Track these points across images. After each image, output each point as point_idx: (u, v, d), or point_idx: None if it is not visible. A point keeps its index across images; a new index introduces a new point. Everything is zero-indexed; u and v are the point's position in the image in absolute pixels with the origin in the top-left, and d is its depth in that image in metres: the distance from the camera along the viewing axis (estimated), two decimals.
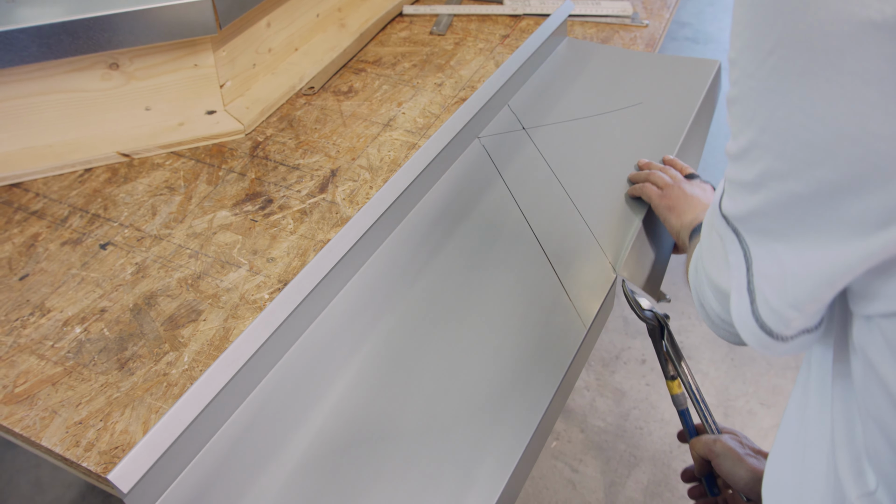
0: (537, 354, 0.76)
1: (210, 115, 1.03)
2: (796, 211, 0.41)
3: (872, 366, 0.43)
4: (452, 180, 0.95)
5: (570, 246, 0.87)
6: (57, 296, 0.81)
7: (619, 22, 1.33)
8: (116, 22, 0.88)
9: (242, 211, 0.91)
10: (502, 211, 0.91)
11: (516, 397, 0.72)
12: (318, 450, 0.68)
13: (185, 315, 0.79)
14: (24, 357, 0.75)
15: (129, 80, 0.96)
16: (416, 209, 0.91)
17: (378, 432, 0.69)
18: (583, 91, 1.13)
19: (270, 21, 1.09)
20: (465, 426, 0.70)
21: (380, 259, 0.85)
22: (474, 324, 0.79)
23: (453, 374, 0.74)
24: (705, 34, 3.20)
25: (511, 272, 0.84)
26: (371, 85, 1.14)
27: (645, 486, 1.61)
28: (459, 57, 1.22)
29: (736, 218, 0.47)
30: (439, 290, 0.82)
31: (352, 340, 0.77)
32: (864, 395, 0.44)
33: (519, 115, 1.06)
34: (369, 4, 1.31)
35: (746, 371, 1.85)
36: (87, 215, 0.90)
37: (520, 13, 1.33)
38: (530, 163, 0.99)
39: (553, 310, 0.80)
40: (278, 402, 0.71)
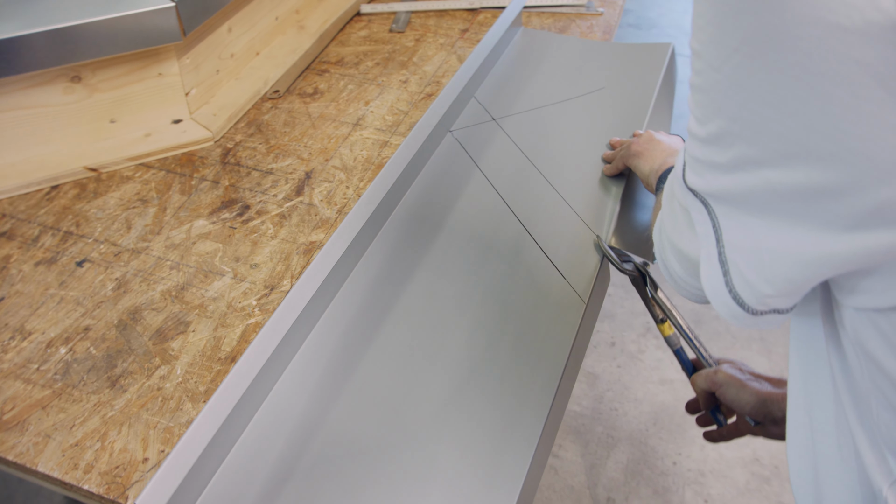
0: (540, 335, 0.77)
1: (176, 125, 1.01)
2: (772, 196, 0.41)
3: (874, 360, 0.43)
4: (431, 175, 0.96)
5: (556, 227, 0.89)
6: (37, 317, 0.79)
7: (575, 11, 1.34)
8: (78, 33, 0.86)
9: (220, 219, 0.90)
10: (484, 200, 0.92)
11: (526, 380, 0.73)
12: (332, 453, 0.67)
13: (172, 327, 0.78)
14: (9, 383, 0.73)
15: (93, 93, 0.94)
16: (399, 207, 0.91)
17: (393, 431, 0.69)
18: (545, 79, 1.14)
19: (231, 26, 1.07)
20: (479, 414, 0.70)
21: (370, 260, 0.84)
22: (475, 313, 0.79)
23: (459, 363, 0.75)
24: (647, 20, 3.26)
25: (502, 259, 0.85)
26: (336, 85, 1.13)
27: (625, 466, 1.63)
28: (421, 53, 1.22)
29: (706, 193, 0.47)
30: (434, 283, 0.82)
31: (355, 342, 0.77)
32: (873, 388, 0.44)
33: (486, 107, 1.07)
34: (326, 5, 1.30)
35: (713, 345, 1.90)
36: (60, 233, 0.88)
37: (476, 7, 1.34)
38: (504, 152, 1.00)
39: (549, 291, 0.82)
40: (289, 411, 0.70)
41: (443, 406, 0.71)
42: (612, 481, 1.61)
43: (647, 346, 1.89)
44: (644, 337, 1.91)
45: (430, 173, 0.96)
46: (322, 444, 0.68)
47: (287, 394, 0.72)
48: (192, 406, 0.70)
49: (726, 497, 1.58)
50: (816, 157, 0.36)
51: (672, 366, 1.85)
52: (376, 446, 0.68)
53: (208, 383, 0.72)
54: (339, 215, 0.90)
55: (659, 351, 1.88)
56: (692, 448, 1.67)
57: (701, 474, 1.62)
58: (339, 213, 0.91)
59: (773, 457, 1.65)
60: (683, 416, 1.73)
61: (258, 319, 0.78)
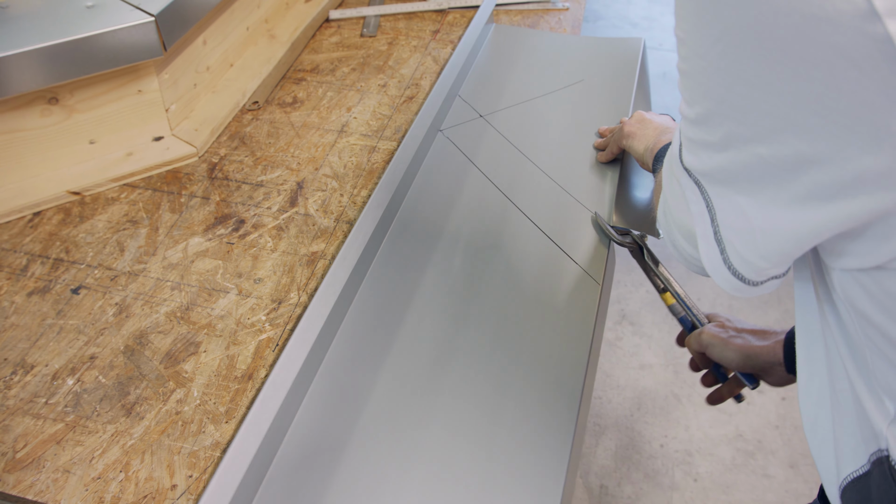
0: (562, 321, 0.79)
1: (158, 142, 0.99)
2: (761, 171, 0.43)
3: (864, 315, 0.46)
4: (428, 175, 0.97)
5: (560, 215, 0.91)
6: (37, 349, 0.76)
7: (542, 7, 1.35)
8: (55, 53, 0.83)
9: (216, 235, 0.88)
10: (485, 196, 0.94)
11: (553, 364, 0.74)
12: (364, 465, 0.67)
13: (182, 349, 0.76)
14: (18, 419, 0.70)
15: (71, 114, 0.91)
16: (401, 209, 0.92)
17: (421, 428, 0.70)
18: (525, 74, 1.16)
19: (206, 38, 1.05)
20: (511, 409, 0.71)
21: (380, 266, 0.85)
22: (493, 307, 0.80)
23: (484, 361, 0.75)
24: (592, 12, 3.30)
25: (512, 252, 0.86)
26: (315, 93, 1.12)
27: (614, 452, 1.66)
28: (396, 56, 1.21)
29: (699, 172, 0.50)
30: (448, 283, 0.83)
31: (375, 349, 0.77)
32: (866, 340, 0.48)
33: (472, 104, 1.08)
34: (294, 13, 1.29)
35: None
36: (49, 261, 0.85)
37: (445, 7, 1.34)
38: (497, 147, 1.01)
39: (564, 277, 0.83)
40: (315, 428, 0.70)
41: (472, 402, 0.72)
42: (603, 468, 1.63)
43: (624, 333, 1.92)
44: (620, 324, 1.93)
45: (427, 173, 0.97)
46: (354, 456, 0.67)
47: (314, 409, 0.71)
48: (214, 428, 0.69)
49: (714, 474, 1.61)
50: (804, 130, 0.39)
51: (650, 350, 1.88)
52: (406, 446, 0.68)
53: (228, 403, 0.71)
54: (337, 223, 0.90)
55: (636, 337, 1.91)
56: (678, 429, 1.70)
57: (688, 454, 1.65)
58: (337, 222, 0.90)
59: (756, 431, 1.69)
60: (666, 398, 1.76)
61: (270, 335, 0.77)
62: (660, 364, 1.85)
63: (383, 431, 0.69)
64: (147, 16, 0.88)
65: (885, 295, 0.43)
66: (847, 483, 0.54)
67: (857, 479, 0.52)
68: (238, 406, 0.71)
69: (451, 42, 1.25)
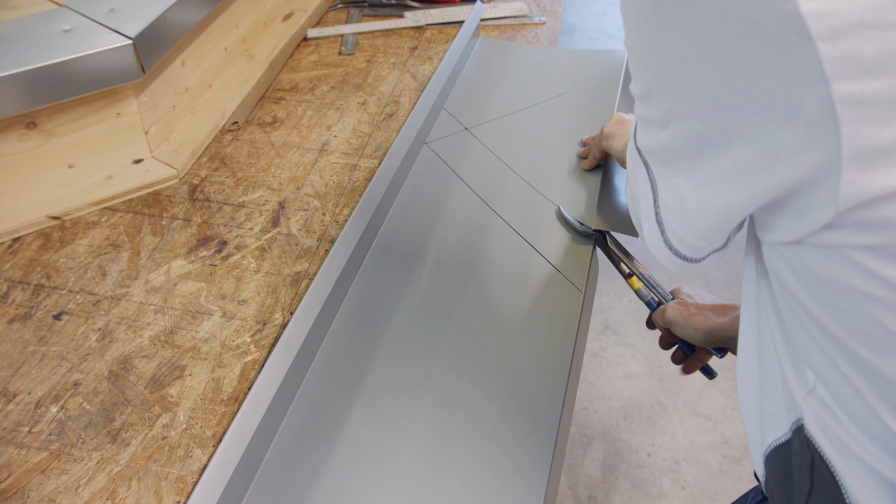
0: (544, 329, 0.80)
1: (138, 164, 0.99)
2: (698, 148, 0.45)
3: (786, 287, 0.49)
4: (412, 188, 0.98)
5: (543, 224, 0.92)
6: (19, 377, 0.75)
7: (518, 22, 1.37)
8: (33, 78, 0.83)
9: (198, 257, 0.88)
10: (468, 207, 0.95)
11: (536, 372, 0.75)
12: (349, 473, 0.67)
13: (167, 373, 0.75)
14: (1, 449, 0.69)
15: (49, 139, 0.91)
16: (385, 222, 0.92)
17: (402, 431, 0.70)
18: (509, 87, 1.17)
19: (185, 60, 1.05)
20: (494, 414, 0.72)
21: (363, 280, 0.85)
22: (475, 317, 0.81)
23: (466, 372, 0.76)
24: (568, 24, 3.33)
25: (496, 262, 0.87)
26: (294, 112, 1.12)
27: (602, 462, 1.66)
28: (375, 74, 1.22)
29: (647, 151, 0.52)
30: (432, 293, 0.84)
31: (359, 359, 0.77)
32: (789, 311, 0.50)
33: (457, 117, 1.09)
34: (272, 32, 1.29)
35: None
36: (30, 287, 0.84)
37: (422, 24, 1.34)
38: (481, 159, 1.02)
39: (547, 286, 0.84)
40: (296, 446, 0.69)
41: (455, 412, 0.72)
42: (592, 479, 1.63)
43: (607, 344, 1.92)
44: (603, 335, 1.94)
45: (412, 186, 0.98)
46: (336, 472, 0.67)
47: (298, 422, 0.71)
48: (201, 452, 0.69)
49: (702, 481, 1.62)
50: (730, 106, 0.41)
51: (634, 359, 1.89)
52: (390, 457, 0.68)
53: (215, 427, 0.71)
54: (319, 243, 0.90)
55: (620, 347, 1.92)
56: (664, 438, 1.70)
57: (675, 462, 1.66)
58: (319, 241, 0.90)
59: (742, 438, 1.70)
60: (652, 407, 1.77)
61: (255, 356, 0.77)
62: (645, 373, 1.85)
63: (365, 444, 0.69)
64: (125, 39, 0.88)
65: (803, 268, 0.45)
66: (771, 450, 0.56)
67: (780, 447, 0.55)
68: (225, 429, 0.70)
69: (430, 58, 1.25)
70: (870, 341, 0.43)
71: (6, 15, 0.93)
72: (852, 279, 0.42)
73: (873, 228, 0.39)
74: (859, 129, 0.36)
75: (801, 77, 0.36)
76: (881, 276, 0.40)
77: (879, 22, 0.34)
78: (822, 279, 0.44)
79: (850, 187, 0.38)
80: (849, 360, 0.46)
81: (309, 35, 1.30)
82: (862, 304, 0.42)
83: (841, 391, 0.48)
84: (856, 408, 0.47)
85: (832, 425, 0.50)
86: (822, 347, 0.48)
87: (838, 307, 0.44)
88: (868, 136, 0.36)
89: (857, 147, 0.37)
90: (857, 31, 0.34)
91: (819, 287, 0.45)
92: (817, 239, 0.42)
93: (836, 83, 0.35)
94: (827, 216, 0.40)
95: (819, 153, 0.38)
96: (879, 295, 0.41)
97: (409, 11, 1.37)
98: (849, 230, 0.40)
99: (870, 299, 0.41)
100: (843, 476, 0.50)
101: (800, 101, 0.37)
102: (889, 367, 0.43)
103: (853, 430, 0.48)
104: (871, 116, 0.36)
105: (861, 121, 0.36)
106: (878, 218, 0.38)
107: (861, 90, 0.35)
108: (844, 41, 0.35)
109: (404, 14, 1.36)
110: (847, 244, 0.40)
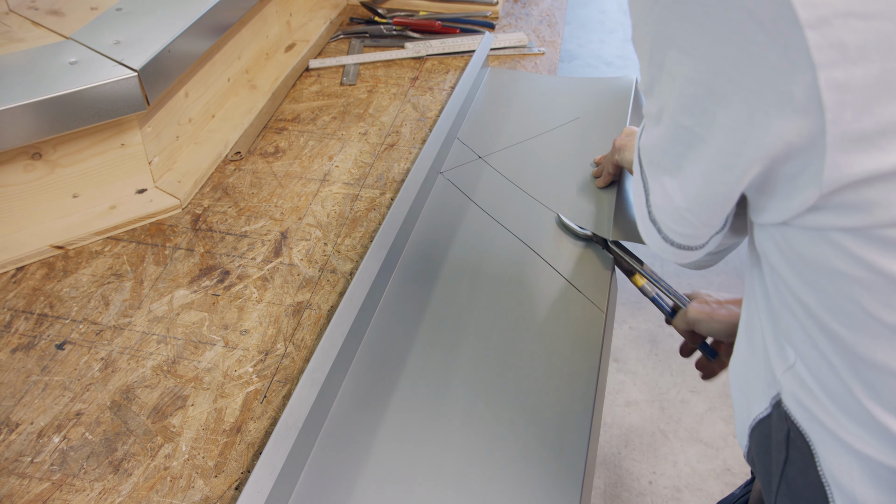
0: (568, 350, 0.81)
1: (141, 194, 0.99)
2: (682, 144, 0.47)
3: (773, 267, 0.51)
4: (430, 217, 0.99)
5: (561, 245, 0.94)
6: (22, 407, 0.76)
7: (518, 52, 1.38)
8: (40, 110, 0.84)
9: (201, 287, 0.88)
10: (485, 232, 0.97)
11: (563, 393, 0.76)
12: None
13: (169, 403, 0.76)
14: (3, 479, 0.69)
15: (54, 169, 0.92)
16: (405, 251, 0.94)
17: (426, 457, 0.71)
18: (521, 115, 1.20)
19: (188, 91, 1.06)
20: (520, 438, 0.73)
21: (386, 307, 0.86)
22: (499, 341, 0.82)
23: (493, 392, 0.77)
24: (568, 52, 3.37)
25: (515, 283, 0.89)
26: (297, 142, 1.14)
27: (603, 491, 1.65)
28: (376, 104, 1.23)
29: (643, 149, 0.54)
30: (453, 319, 0.85)
31: (383, 387, 0.78)
32: (774, 291, 0.52)
33: (471, 146, 1.11)
34: (274, 63, 1.30)
35: (671, 363, 1.95)
36: (33, 316, 0.85)
37: (423, 55, 1.36)
38: (496, 185, 1.04)
39: (568, 307, 0.86)
40: (327, 472, 0.69)
41: (483, 431, 0.73)
42: None
43: (608, 370, 1.92)
44: None
45: (429, 214, 0.99)
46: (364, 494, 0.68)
47: (325, 456, 0.71)
48: (203, 483, 0.69)
49: None
50: (720, 97, 0.43)
51: (635, 386, 1.88)
52: (416, 483, 0.69)
53: (217, 457, 0.71)
54: (322, 273, 0.90)
55: (620, 374, 1.92)
56: (666, 466, 1.70)
57: (677, 490, 1.65)
58: (321, 271, 0.90)
59: (744, 465, 1.69)
60: (653, 434, 1.76)
61: (257, 387, 0.77)
62: (645, 400, 1.85)
63: (390, 470, 0.70)
64: (130, 71, 0.89)
65: (790, 249, 0.47)
66: (755, 424, 0.59)
67: (762, 421, 0.57)
68: (227, 459, 0.70)
69: (430, 89, 1.27)
70: (847, 320, 0.45)
71: (14, 47, 0.94)
72: (834, 260, 0.44)
73: (855, 210, 0.40)
74: (842, 114, 0.38)
75: (791, 64, 0.38)
76: (860, 258, 0.42)
77: (863, 11, 0.36)
78: (806, 260, 0.46)
79: (834, 170, 0.39)
80: (827, 337, 0.48)
81: (311, 66, 1.32)
82: (842, 284, 0.44)
83: (818, 367, 0.50)
84: (831, 383, 0.49)
85: (808, 400, 0.52)
86: (803, 326, 0.50)
87: (820, 287, 0.46)
88: (850, 122, 0.38)
89: (841, 132, 0.38)
90: (841, 20, 0.36)
91: (803, 267, 0.47)
92: (803, 221, 0.44)
93: (823, 70, 0.37)
94: (812, 198, 0.42)
95: (805, 139, 0.40)
96: (858, 276, 0.43)
97: (409, 42, 1.38)
98: (832, 212, 0.42)
99: (849, 280, 0.43)
100: (817, 446, 0.52)
101: (788, 88, 0.39)
102: (863, 344, 0.45)
103: (827, 405, 0.50)
104: (854, 102, 0.37)
105: (844, 107, 0.38)
106: (860, 200, 0.40)
107: (845, 77, 0.37)
108: (830, 29, 0.36)
109: (405, 45, 1.38)
110: (830, 226, 0.42)
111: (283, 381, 0.78)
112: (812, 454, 0.53)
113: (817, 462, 0.52)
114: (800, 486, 0.55)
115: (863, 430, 0.48)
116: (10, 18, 1.02)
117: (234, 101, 1.20)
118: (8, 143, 0.84)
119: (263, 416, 0.75)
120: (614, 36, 3.57)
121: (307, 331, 0.83)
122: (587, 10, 3.81)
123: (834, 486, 0.52)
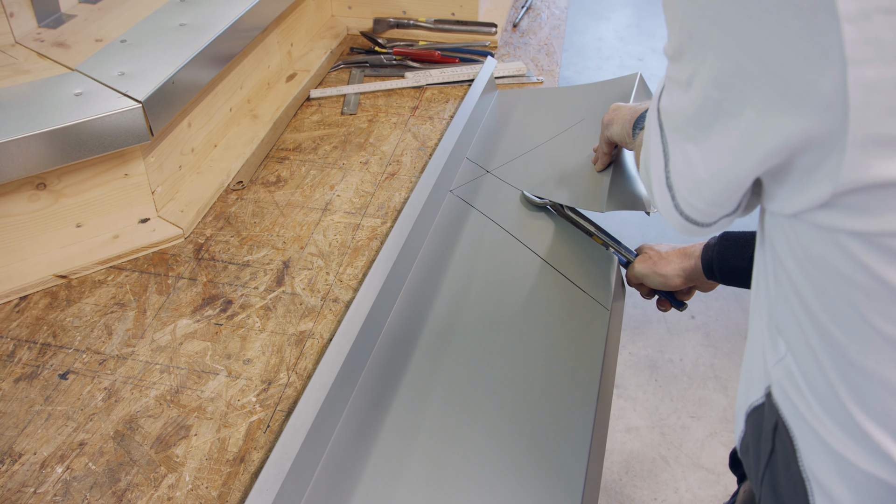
0: (573, 348, 0.84)
1: (144, 224, 1.00)
2: (709, 115, 0.47)
3: (778, 257, 0.50)
4: (440, 232, 1.01)
5: (570, 249, 0.98)
6: (25, 437, 0.76)
7: (517, 81, 1.40)
8: (45, 141, 0.85)
9: (204, 316, 0.89)
10: (493, 241, 1.00)
11: (567, 391, 0.80)
12: None
13: (173, 433, 0.76)
14: None
15: (58, 199, 0.93)
16: (414, 267, 0.96)
17: (437, 476, 0.73)
18: (527, 126, 1.22)
19: (191, 121, 1.07)
20: (525, 436, 0.76)
21: (394, 322, 0.88)
22: (506, 345, 0.85)
23: (503, 398, 0.79)
24: (566, 79, 3.40)
25: (523, 289, 0.92)
26: (298, 172, 1.15)
27: None
28: (377, 133, 1.24)
29: (666, 113, 0.53)
30: (463, 327, 0.87)
31: (378, 415, 0.78)
32: (775, 282, 0.52)
33: (479, 163, 1.14)
34: (276, 93, 1.32)
35: (671, 389, 1.95)
36: (36, 346, 0.85)
37: (423, 84, 1.38)
38: (505, 195, 1.08)
39: (573, 307, 0.89)
40: (336, 465, 0.70)
41: (487, 433, 0.76)
42: None
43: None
44: None
45: (440, 229, 1.02)
46: None
47: (325, 484, 0.72)
48: None
49: None
50: (749, 76, 0.42)
51: (635, 412, 1.88)
52: (425, 475, 0.71)
53: (220, 487, 0.71)
54: (324, 302, 0.91)
55: (620, 400, 1.91)
56: (667, 492, 1.69)
57: None
58: (323, 300, 0.91)
59: None
60: (654, 460, 1.76)
61: (261, 416, 0.77)
62: (646, 426, 1.85)
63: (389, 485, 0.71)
64: (134, 102, 0.91)
65: (797, 243, 0.47)
66: (750, 410, 0.59)
67: (757, 408, 0.58)
68: (231, 490, 0.70)
69: (430, 118, 1.28)
70: (843, 323, 0.45)
71: (20, 79, 0.96)
72: (839, 262, 0.43)
73: (866, 214, 0.40)
74: (867, 115, 0.37)
75: (822, 56, 0.37)
76: (865, 265, 0.42)
77: None
78: (811, 256, 0.46)
79: (852, 171, 0.39)
80: (820, 336, 0.48)
81: (312, 95, 1.33)
82: (843, 287, 0.44)
83: (807, 364, 0.50)
84: (817, 382, 0.49)
85: (794, 395, 0.52)
86: (798, 320, 0.50)
87: (821, 285, 0.46)
88: (874, 123, 0.37)
89: (864, 133, 0.38)
90: (883, 17, 0.35)
91: (808, 263, 0.47)
92: (813, 217, 0.44)
93: (853, 66, 0.36)
94: (825, 194, 0.41)
95: (826, 133, 0.39)
96: (860, 282, 0.43)
97: (409, 72, 1.40)
98: (842, 212, 0.41)
99: (851, 284, 0.43)
100: (799, 442, 0.52)
101: (816, 80, 0.38)
102: (855, 349, 0.45)
103: (812, 403, 0.50)
104: (881, 104, 0.37)
105: (870, 107, 0.37)
106: (873, 205, 0.39)
107: (875, 76, 0.36)
108: (869, 25, 0.35)
109: (405, 74, 1.40)
110: (839, 227, 0.42)
111: (286, 410, 0.78)
112: (795, 449, 0.53)
113: (799, 458, 0.53)
114: (782, 478, 0.55)
115: (844, 434, 0.48)
116: (16, 50, 1.03)
117: (236, 130, 1.21)
118: (13, 173, 0.85)
119: (267, 445, 0.75)
120: (611, 62, 3.61)
121: (310, 360, 0.83)
122: (584, 36, 3.86)
123: (814, 482, 0.52)
